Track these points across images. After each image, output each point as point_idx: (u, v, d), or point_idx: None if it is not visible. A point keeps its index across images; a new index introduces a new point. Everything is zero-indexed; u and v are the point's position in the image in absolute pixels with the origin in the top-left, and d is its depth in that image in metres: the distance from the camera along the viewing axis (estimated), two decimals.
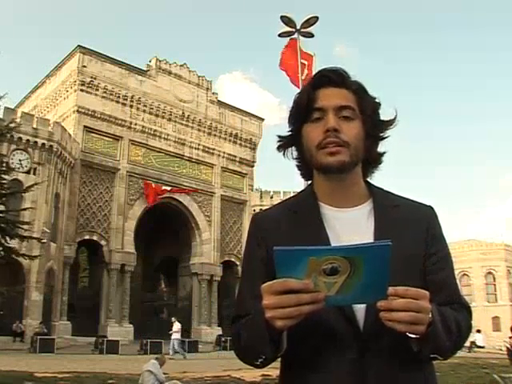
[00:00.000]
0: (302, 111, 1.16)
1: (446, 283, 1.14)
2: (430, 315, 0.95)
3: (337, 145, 1.11)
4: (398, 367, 1.05)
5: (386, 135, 1.22)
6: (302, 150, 1.21)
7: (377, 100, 1.21)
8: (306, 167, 1.23)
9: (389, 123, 1.21)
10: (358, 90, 1.16)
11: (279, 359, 1.15)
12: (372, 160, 1.23)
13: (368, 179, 1.25)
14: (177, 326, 21.58)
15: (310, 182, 1.26)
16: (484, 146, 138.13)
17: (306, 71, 13.45)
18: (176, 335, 21.32)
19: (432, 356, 1.03)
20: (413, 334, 0.95)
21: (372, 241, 1.09)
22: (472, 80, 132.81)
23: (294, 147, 1.25)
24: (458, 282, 1.22)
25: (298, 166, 1.26)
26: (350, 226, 1.14)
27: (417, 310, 0.92)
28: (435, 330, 0.97)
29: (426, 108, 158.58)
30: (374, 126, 1.18)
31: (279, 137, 1.25)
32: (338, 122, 1.12)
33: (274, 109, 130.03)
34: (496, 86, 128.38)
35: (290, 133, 1.23)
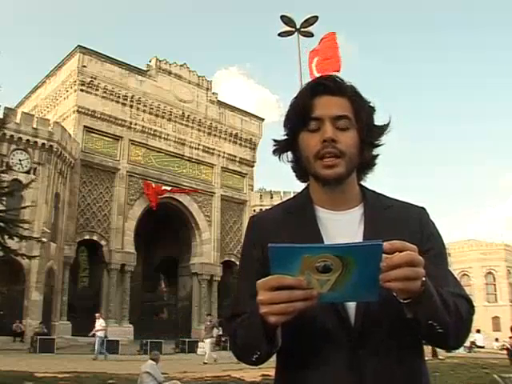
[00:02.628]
0: (299, 119, 1.18)
1: (442, 278, 1.13)
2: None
3: (334, 156, 1.14)
4: (394, 362, 1.06)
5: (380, 142, 1.25)
6: (297, 155, 1.23)
7: (371, 105, 1.23)
8: (302, 170, 1.26)
9: (383, 129, 1.24)
10: (354, 97, 1.19)
11: (275, 358, 1.16)
12: (366, 164, 1.25)
13: (362, 182, 1.28)
14: (100, 322, 19.52)
15: (306, 183, 1.29)
16: (484, 146, 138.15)
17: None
18: (100, 333, 19.15)
19: (429, 323, 1.00)
20: (408, 292, 0.94)
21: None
22: (472, 80, 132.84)
23: (289, 151, 1.27)
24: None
25: (293, 167, 1.29)
26: (344, 228, 1.17)
27: (415, 262, 0.92)
28: (429, 290, 0.97)
29: (425, 108, 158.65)
30: (369, 133, 1.21)
31: (275, 141, 1.28)
32: (334, 132, 1.14)
33: (271, 106, 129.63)
34: (496, 86, 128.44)
35: (285, 137, 1.25)
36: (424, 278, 0.95)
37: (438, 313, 0.99)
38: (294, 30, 13.89)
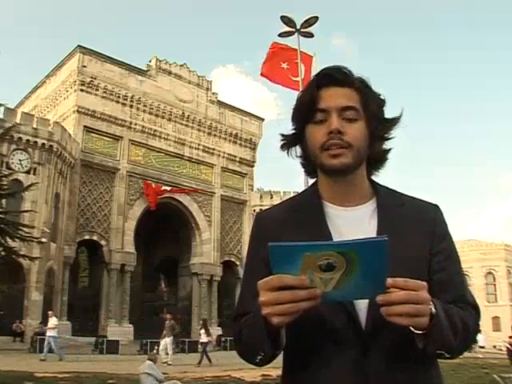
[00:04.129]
0: (305, 111, 1.15)
1: (451, 282, 1.13)
2: (433, 307, 0.95)
3: (340, 146, 1.10)
4: (401, 366, 1.04)
5: (390, 136, 1.20)
6: (305, 149, 1.20)
7: (381, 97, 1.19)
8: (311, 165, 1.22)
9: (393, 122, 1.20)
10: (362, 88, 1.15)
11: (281, 358, 1.15)
12: (376, 158, 1.21)
13: (373, 177, 1.24)
14: (53, 321, 18.15)
15: (314, 180, 1.26)
16: (484, 146, 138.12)
17: (302, 73, 13.45)
18: (52, 332, 17.75)
19: (439, 352, 1.00)
20: (416, 327, 0.94)
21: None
22: (472, 80, 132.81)
23: (297, 146, 1.24)
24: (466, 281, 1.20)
25: (302, 163, 1.25)
26: (354, 224, 1.14)
27: (417, 301, 0.91)
28: (439, 323, 0.96)
29: (426, 108, 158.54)
30: (378, 126, 1.17)
31: (282, 135, 1.24)
32: (341, 124, 1.10)
33: (270, 104, 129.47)
34: (496, 86, 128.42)
35: (293, 131, 1.22)
36: (434, 310, 0.94)
37: (447, 341, 0.99)
38: (294, 30, 13.85)
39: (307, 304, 0.89)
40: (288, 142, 1.24)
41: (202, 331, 18.03)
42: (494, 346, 34.33)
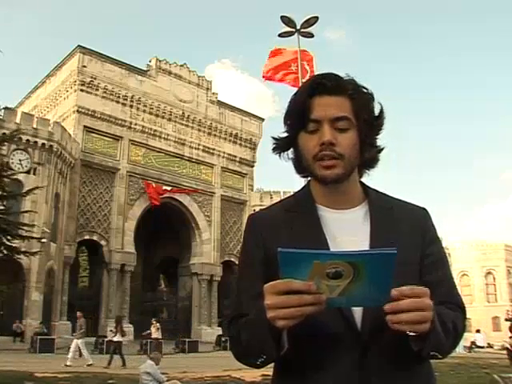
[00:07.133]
0: (298, 120, 1.16)
1: (442, 283, 1.15)
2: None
3: (332, 158, 1.11)
4: (398, 367, 1.05)
5: (381, 146, 1.21)
6: (298, 153, 1.20)
7: (370, 93, 1.18)
8: (302, 167, 1.23)
9: (381, 123, 1.20)
10: (353, 94, 1.15)
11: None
12: (368, 161, 1.22)
13: (364, 179, 1.25)
14: None
15: (307, 180, 1.27)
16: (484, 144, 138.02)
17: (308, 72, 13.51)
18: None
19: (431, 354, 1.03)
20: (417, 332, 0.95)
21: (368, 243, 1.11)
22: (472, 79, 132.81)
23: (290, 149, 1.24)
24: (455, 281, 1.23)
25: (294, 164, 1.26)
26: (347, 227, 1.15)
27: (422, 308, 0.92)
28: (435, 328, 0.97)
29: (425, 108, 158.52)
30: (369, 132, 1.18)
31: (274, 139, 1.25)
32: (333, 134, 1.11)
33: (267, 100, 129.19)
34: (496, 86, 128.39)
35: (285, 135, 1.22)
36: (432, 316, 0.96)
37: (441, 344, 1.01)
38: (294, 30, 13.87)
39: (312, 309, 0.90)
40: (280, 146, 1.24)
41: (114, 329, 16.82)
42: (489, 345, 34.45)
